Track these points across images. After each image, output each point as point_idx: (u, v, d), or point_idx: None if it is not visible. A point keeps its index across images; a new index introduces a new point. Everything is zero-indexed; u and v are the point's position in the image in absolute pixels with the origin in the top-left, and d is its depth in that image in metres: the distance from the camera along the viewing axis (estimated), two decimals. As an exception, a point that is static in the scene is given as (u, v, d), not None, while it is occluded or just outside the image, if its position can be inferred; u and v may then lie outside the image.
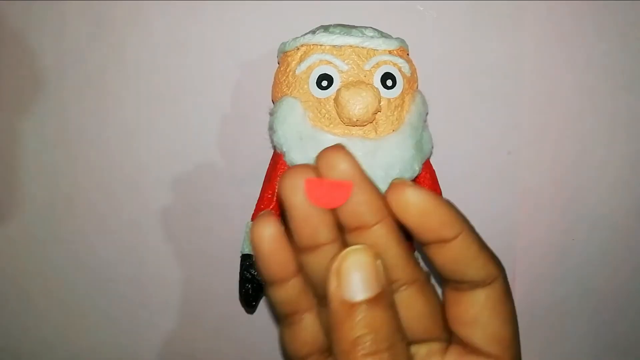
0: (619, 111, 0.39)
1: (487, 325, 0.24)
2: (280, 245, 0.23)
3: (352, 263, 0.21)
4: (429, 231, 0.22)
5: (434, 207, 0.22)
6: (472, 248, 0.23)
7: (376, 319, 0.21)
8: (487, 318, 0.23)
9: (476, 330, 0.24)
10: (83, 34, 0.37)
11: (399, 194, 0.22)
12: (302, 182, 0.21)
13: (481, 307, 0.23)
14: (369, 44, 0.30)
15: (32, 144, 0.38)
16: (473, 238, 0.23)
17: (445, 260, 0.23)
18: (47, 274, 0.40)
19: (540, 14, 0.38)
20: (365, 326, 0.20)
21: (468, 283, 0.23)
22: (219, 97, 0.38)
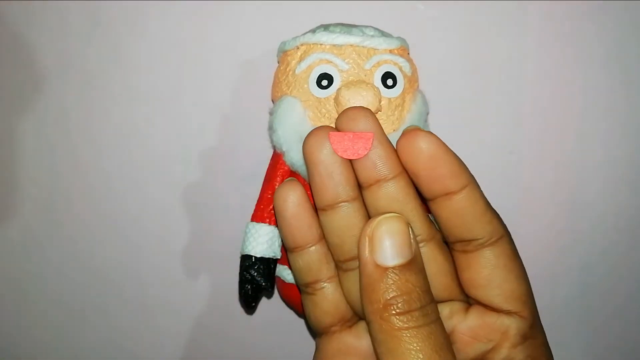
0: (621, 111, 0.39)
1: (502, 283, 0.24)
2: (304, 209, 0.24)
3: (386, 230, 0.22)
4: (437, 181, 0.23)
5: (443, 154, 0.22)
6: (479, 203, 0.23)
7: (408, 282, 0.21)
8: (501, 277, 0.23)
9: (492, 290, 0.24)
10: (83, 34, 0.37)
11: (410, 138, 0.23)
12: (326, 138, 0.23)
13: (493, 267, 0.23)
14: (370, 43, 0.30)
15: (31, 144, 0.38)
16: (479, 194, 0.23)
17: (451, 214, 0.23)
18: (46, 274, 0.40)
19: (542, 13, 0.38)
20: (397, 289, 0.21)
21: (474, 242, 0.23)
22: (218, 97, 0.38)
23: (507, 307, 0.24)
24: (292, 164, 0.31)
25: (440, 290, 0.25)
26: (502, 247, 0.24)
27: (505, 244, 0.24)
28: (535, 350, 0.24)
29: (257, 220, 0.32)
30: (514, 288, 0.24)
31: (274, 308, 0.39)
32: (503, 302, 0.24)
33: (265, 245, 0.32)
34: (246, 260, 0.32)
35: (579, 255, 0.39)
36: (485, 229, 0.23)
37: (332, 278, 0.26)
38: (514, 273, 0.24)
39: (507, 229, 0.24)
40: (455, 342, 0.25)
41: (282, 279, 0.33)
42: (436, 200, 0.23)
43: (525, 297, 0.24)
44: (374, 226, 0.22)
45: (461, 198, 0.23)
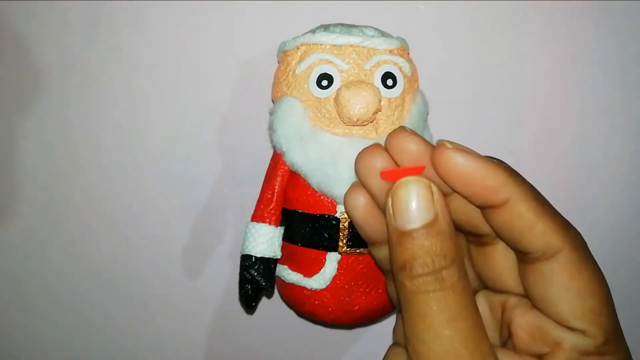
0: (621, 111, 0.39)
1: (559, 302, 0.22)
2: (372, 213, 0.24)
3: (403, 194, 0.22)
4: (475, 196, 0.22)
5: (476, 171, 0.22)
6: (525, 217, 0.22)
7: (422, 246, 0.21)
8: (557, 295, 0.22)
9: (549, 307, 0.22)
10: (83, 34, 0.37)
11: (440, 157, 0.22)
12: (374, 165, 0.23)
13: (547, 284, 0.22)
14: (370, 43, 0.30)
15: (32, 144, 0.38)
16: (527, 206, 0.22)
17: (498, 225, 0.22)
18: (46, 274, 0.40)
19: (542, 13, 0.38)
20: (411, 252, 0.21)
21: (529, 255, 0.22)
22: (218, 97, 0.38)
23: (566, 324, 0.22)
24: (292, 164, 0.31)
25: (512, 285, 0.24)
26: (559, 262, 0.22)
27: (565, 258, 0.22)
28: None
29: (257, 220, 0.32)
30: (575, 306, 0.22)
31: (274, 308, 0.39)
32: (561, 319, 0.22)
33: (266, 245, 0.32)
34: (246, 260, 0.32)
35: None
36: (535, 244, 0.22)
37: None
38: (574, 291, 0.22)
39: (575, 240, 0.22)
40: (514, 335, 0.24)
41: (282, 279, 0.33)
42: (484, 211, 0.23)
43: (592, 315, 0.22)
44: (394, 190, 0.22)
45: (504, 211, 0.22)
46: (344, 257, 0.31)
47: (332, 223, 0.31)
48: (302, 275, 0.32)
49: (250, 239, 0.32)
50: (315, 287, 0.32)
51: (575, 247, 0.22)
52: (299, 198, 0.31)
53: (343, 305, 0.32)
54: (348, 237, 0.31)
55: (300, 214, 0.32)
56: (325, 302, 0.32)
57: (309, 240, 0.32)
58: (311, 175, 0.30)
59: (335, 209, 0.31)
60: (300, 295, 0.33)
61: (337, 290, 0.32)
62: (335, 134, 0.30)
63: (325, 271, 0.31)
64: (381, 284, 0.32)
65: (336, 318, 0.33)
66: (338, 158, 0.30)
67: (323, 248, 0.31)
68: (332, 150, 0.30)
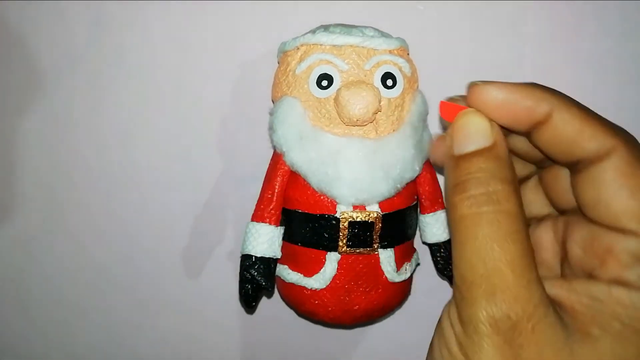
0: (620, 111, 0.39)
1: (611, 201, 0.21)
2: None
3: (464, 121, 0.23)
4: (518, 121, 0.23)
5: (513, 96, 0.23)
6: (572, 123, 0.22)
7: (477, 168, 0.22)
8: (609, 194, 0.21)
9: (600, 210, 0.22)
10: (83, 34, 0.37)
11: (475, 95, 0.23)
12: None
13: (599, 184, 0.22)
14: (369, 43, 0.30)
15: (32, 144, 0.38)
16: (571, 113, 0.22)
17: (547, 142, 0.23)
18: (45, 274, 0.40)
19: (541, 13, 0.38)
20: (465, 174, 0.22)
21: (582, 162, 0.22)
22: (219, 97, 0.38)
23: (618, 225, 0.21)
24: (292, 164, 0.31)
25: (572, 203, 0.24)
26: (611, 162, 0.21)
27: (618, 157, 0.21)
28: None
29: (257, 220, 0.32)
30: (629, 206, 0.21)
31: (274, 308, 0.39)
32: (613, 220, 0.21)
33: (266, 245, 0.32)
34: (246, 260, 0.32)
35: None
36: (586, 148, 0.22)
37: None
38: (628, 189, 0.21)
39: (627, 139, 0.22)
40: (569, 253, 0.23)
41: (282, 279, 0.33)
42: (530, 135, 0.23)
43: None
44: (455, 120, 0.23)
45: (550, 126, 0.22)
46: (344, 257, 0.31)
47: (332, 223, 0.31)
48: (302, 275, 0.32)
49: (251, 239, 0.32)
50: (315, 287, 0.32)
51: (628, 146, 0.22)
52: (299, 198, 0.32)
53: (343, 305, 0.32)
54: (348, 237, 0.31)
55: (300, 214, 0.32)
56: (325, 301, 0.32)
57: (309, 240, 0.32)
58: (311, 175, 0.30)
59: (335, 209, 0.31)
60: (300, 294, 0.33)
61: (337, 290, 0.32)
62: (335, 134, 0.30)
63: (325, 271, 0.31)
64: (381, 284, 0.32)
65: (336, 318, 0.33)
66: (338, 158, 0.30)
67: (323, 248, 0.31)
68: (332, 150, 0.30)
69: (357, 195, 0.30)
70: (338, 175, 0.30)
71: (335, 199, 0.31)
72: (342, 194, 0.30)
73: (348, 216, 0.31)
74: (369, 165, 0.30)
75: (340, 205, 0.31)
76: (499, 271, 0.20)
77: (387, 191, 0.30)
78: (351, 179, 0.30)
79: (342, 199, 0.30)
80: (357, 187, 0.30)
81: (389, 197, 0.31)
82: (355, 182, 0.30)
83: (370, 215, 0.31)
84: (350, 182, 0.30)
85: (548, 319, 0.20)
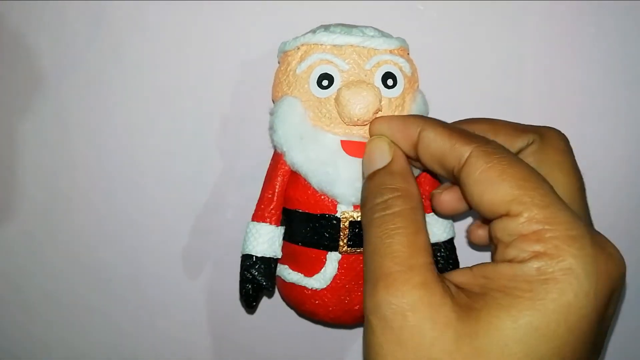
0: (620, 111, 0.39)
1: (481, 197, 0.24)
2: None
3: (367, 148, 0.29)
4: (404, 144, 0.28)
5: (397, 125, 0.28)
6: (437, 139, 0.26)
7: (379, 182, 0.27)
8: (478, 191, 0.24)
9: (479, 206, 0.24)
10: (83, 34, 0.37)
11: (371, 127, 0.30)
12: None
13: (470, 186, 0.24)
14: (370, 43, 0.30)
15: (31, 144, 0.38)
16: (435, 131, 0.26)
17: (425, 160, 0.27)
18: (46, 274, 0.40)
19: (541, 13, 0.38)
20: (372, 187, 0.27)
21: (455, 172, 0.25)
22: (219, 97, 0.38)
23: (494, 215, 0.24)
24: (293, 163, 0.31)
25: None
26: (471, 164, 0.24)
27: (474, 159, 0.24)
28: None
29: (257, 220, 0.32)
30: (492, 195, 0.23)
31: (275, 308, 0.39)
32: (489, 212, 0.24)
33: (266, 245, 0.32)
34: (247, 260, 0.32)
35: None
36: (451, 159, 0.25)
37: None
38: (488, 182, 0.23)
39: (480, 142, 0.24)
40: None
41: (283, 279, 0.33)
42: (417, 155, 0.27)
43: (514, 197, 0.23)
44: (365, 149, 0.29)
45: (422, 145, 0.26)
46: (345, 256, 0.31)
47: (333, 223, 0.31)
48: (303, 275, 0.32)
49: (251, 239, 0.32)
50: (316, 287, 0.32)
51: (481, 147, 0.24)
52: (300, 198, 0.32)
53: (343, 305, 0.32)
54: (348, 237, 0.31)
55: (300, 214, 0.32)
56: (325, 301, 0.32)
57: (309, 240, 0.32)
58: (312, 175, 0.30)
59: (335, 209, 0.31)
60: (300, 294, 0.33)
61: (337, 289, 0.32)
62: (336, 134, 0.30)
63: (326, 271, 0.31)
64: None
65: (336, 317, 0.33)
66: (338, 158, 0.30)
67: (323, 248, 0.31)
68: (333, 150, 0.30)
69: (358, 194, 0.30)
70: (338, 174, 0.30)
71: (335, 199, 0.31)
72: (342, 194, 0.30)
73: (349, 216, 0.31)
74: (369, 165, 0.30)
75: (340, 205, 0.31)
76: (380, 263, 0.23)
77: (387, 191, 0.30)
78: (351, 179, 0.30)
79: (342, 199, 0.30)
80: (358, 187, 0.30)
81: (390, 197, 0.31)
82: (355, 182, 0.30)
83: (371, 215, 0.31)
84: (351, 181, 0.30)
85: (430, 300, 0.22)
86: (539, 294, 0.21)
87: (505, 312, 0.21)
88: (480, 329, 0.22)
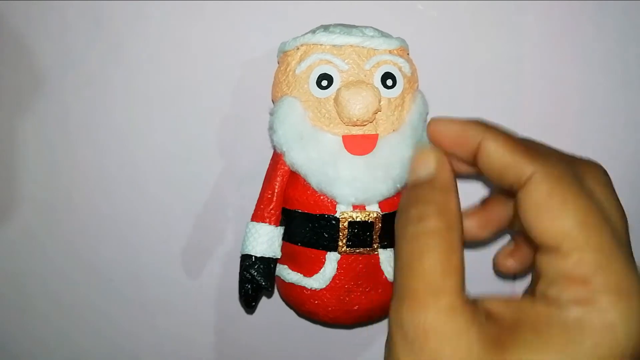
0: (620, 111, 0.39)
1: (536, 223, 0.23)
2: None
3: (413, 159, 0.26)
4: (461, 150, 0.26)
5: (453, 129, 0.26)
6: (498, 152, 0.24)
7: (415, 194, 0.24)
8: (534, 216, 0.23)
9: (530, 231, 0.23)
10: (83, 34, 0.37)
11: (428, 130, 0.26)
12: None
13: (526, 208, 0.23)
14: (369, 43, 0.30)
15: (32, 144, 0.38)
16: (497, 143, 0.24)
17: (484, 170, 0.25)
18: (46, 274, 0.40)
19: (541, 13, 0.38)
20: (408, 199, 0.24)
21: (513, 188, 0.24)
22: (219, 97, 0.38)
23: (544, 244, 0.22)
24: (292, 163, 0.31)
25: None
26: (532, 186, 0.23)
27: (537, 181, 0.23)
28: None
29: (257, 220, 0.32)
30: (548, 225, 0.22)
31: (274, 308, 0.39)
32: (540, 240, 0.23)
33: (266, 245, 0.32)
34: (246, 260, 0.32)
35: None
36: (511, 175, 0.23)
37: None
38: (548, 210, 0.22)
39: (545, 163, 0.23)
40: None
41: (282, 279, 0.33)
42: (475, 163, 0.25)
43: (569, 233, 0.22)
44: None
45: (482, 155, 0.25)
46: (344, 256, 0.31)
47: (332, 223, 0.31)
48: (302, 275, 0.32)
49: (250, 239, 0.32)
50: (315, 287, 0.32)
51: (547, 170, 0.23)
52: (299, 198, 0.32)
53: (343, 305, 0.32)
54: (348, 237, 0.31)
55: (300, 214, 0.32)
56: (325, 301, 0.32)
57: (308, 240, 0.32)
58: (311, 175, 0.30)
59: (335, 209, 0.31)
60: (300, 295, 0.33)
61: (336, 290, 0.32)
62: (335, 134, 0.30)
63: (325, 271, 0.32)
64: (381, 284, 0.32)
65: (336, 318, 0.33)
66: (338, 158, 0.30)
67: (323, 248, 0.31)
68: (332, 151, 0.30)
69: (357, 195, 0.30)
70: (338, 175, 0.30)
71: (335, 199, 0.31)
72: (342, 194, 0.30)
73: (348, 216, 0.31)
74: (369, 165, 0.30)
75: (340, 205, 0.31)
76: (408, 280, 0.22)
77: (386, 191, 0.30)
78: (351, 179, 0.30)
79: (342, 199, 0.30)
80: (357, 187, 0.30)
81: (389, 197, 0.31)
82: (355, 182, 0.30)
83: (370, 215, 0.31)
84: (350, 181, 0.30)
85: (454, 325, 0.21)
86: (572, 342, 0.20)
87: (534, 354, 0.20)
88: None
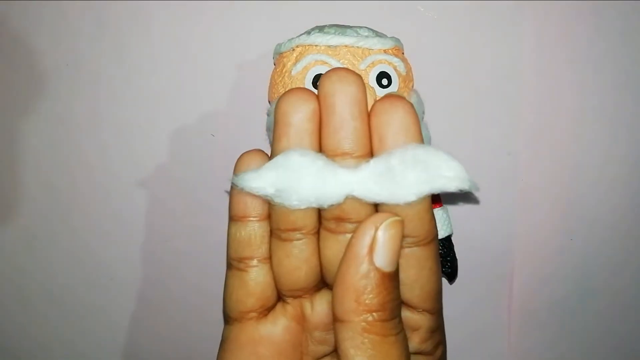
0: (619, 111, 0.39)
1: (426, 284, 0.24)
2: None
3: (393, 235, 0.21)
4: None
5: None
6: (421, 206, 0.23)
7: (392, 291, 0.21)
8: (426, 277, 0.24)
9: (415, 291, 0.24)
10: (83, 34, 0.38)
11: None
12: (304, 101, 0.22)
13: (421, 268, 0.23)
14: (364, 43, 0.30)
15: (32, 144, 0.39)
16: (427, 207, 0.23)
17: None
18: (46, 274, 0.40)
19: (540, 13, 0.37)
20: (388, 295, 0.21)
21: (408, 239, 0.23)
22: (217, 98, 0.38)
23: (423, 306, 0.24)
24: (289, 164, 0.31)
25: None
26: (431, 248, 0.24)
27: (436, 245, 0.24)
28: (437, 340, 0.25)
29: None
30: (432, 288, 0.24)
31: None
32: (421, 302, 0.24)
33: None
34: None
35: (576, 255, 0.39)
36: (421, 228, 0.23)
37: (266, 260, 0.25)
38: (437, 274, 0.24)
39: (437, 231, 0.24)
40: None
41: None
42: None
43: (438, 295, 0.24)
44: (385, 227, 0.21)
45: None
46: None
47: (329, 223, 0.31)
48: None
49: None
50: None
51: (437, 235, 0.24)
52: (296, 198, 0.32)
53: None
54: (345, 237, 0.31)
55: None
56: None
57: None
58: (308, 175, 0.30)
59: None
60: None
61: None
62: (331, 134, 0.30)
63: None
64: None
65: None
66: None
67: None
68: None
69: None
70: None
71: (332, 199, 0.31)
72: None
73: None
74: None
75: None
76: None
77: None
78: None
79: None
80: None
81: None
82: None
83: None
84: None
85: None
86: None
87: None
88: None
